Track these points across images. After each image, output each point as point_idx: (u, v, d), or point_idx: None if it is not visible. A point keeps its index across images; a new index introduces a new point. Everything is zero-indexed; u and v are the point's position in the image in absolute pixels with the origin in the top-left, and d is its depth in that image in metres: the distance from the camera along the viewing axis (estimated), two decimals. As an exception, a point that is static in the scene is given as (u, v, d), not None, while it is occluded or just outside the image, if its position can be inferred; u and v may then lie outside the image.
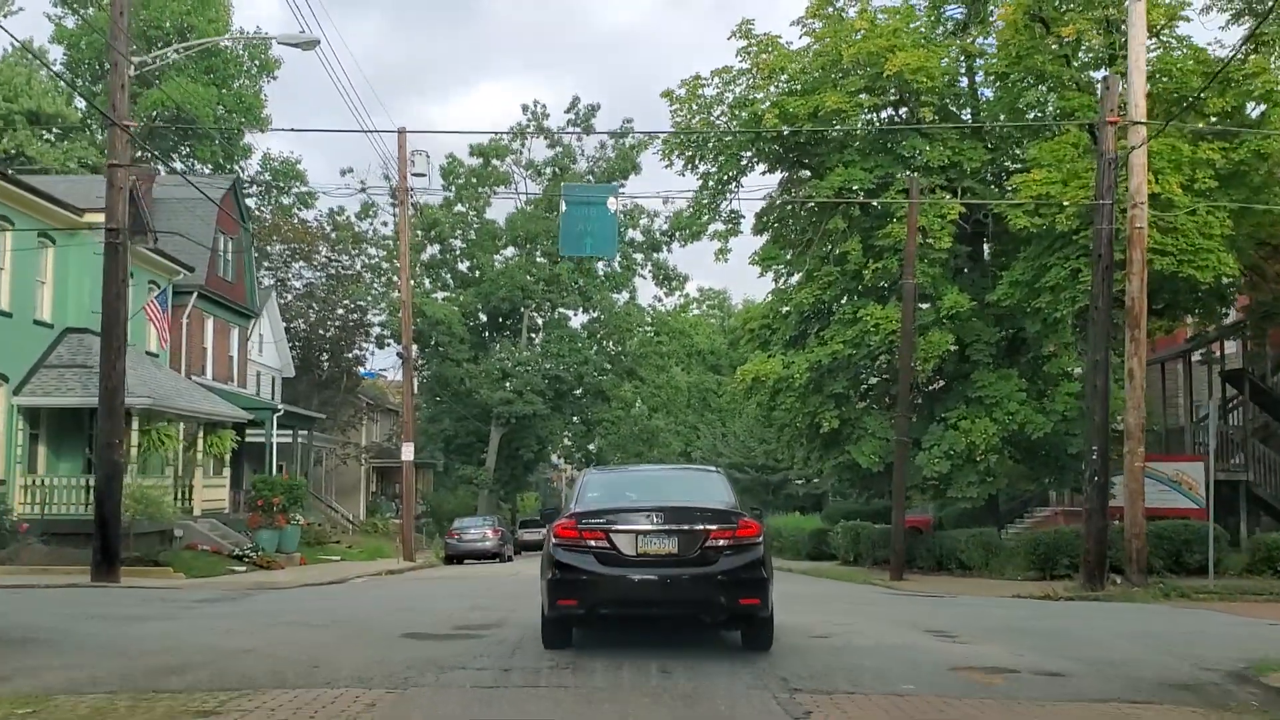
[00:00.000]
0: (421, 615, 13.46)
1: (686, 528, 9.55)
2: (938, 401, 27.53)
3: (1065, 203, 21.91)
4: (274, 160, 58.85)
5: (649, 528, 9.56)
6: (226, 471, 32.70)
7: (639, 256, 55.85)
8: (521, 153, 55.12)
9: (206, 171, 53.69)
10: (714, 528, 9.58)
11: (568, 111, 53.56)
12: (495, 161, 55.22)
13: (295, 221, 55.55)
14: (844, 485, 29.50)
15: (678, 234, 55.71)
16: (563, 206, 21.35)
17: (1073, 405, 25.31)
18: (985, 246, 29.61)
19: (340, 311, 55.48)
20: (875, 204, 25.69)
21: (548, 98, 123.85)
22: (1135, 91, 20.09)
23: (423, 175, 36.04)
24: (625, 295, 56.05)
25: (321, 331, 56.04)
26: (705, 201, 29.04)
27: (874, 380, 29.36)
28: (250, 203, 59.33)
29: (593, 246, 21.18)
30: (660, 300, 57.56)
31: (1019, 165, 26.74)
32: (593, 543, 9.56)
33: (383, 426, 61.69)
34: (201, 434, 30.54)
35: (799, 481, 60.34)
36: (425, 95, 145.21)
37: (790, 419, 28.40)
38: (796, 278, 30.29)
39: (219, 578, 23.46)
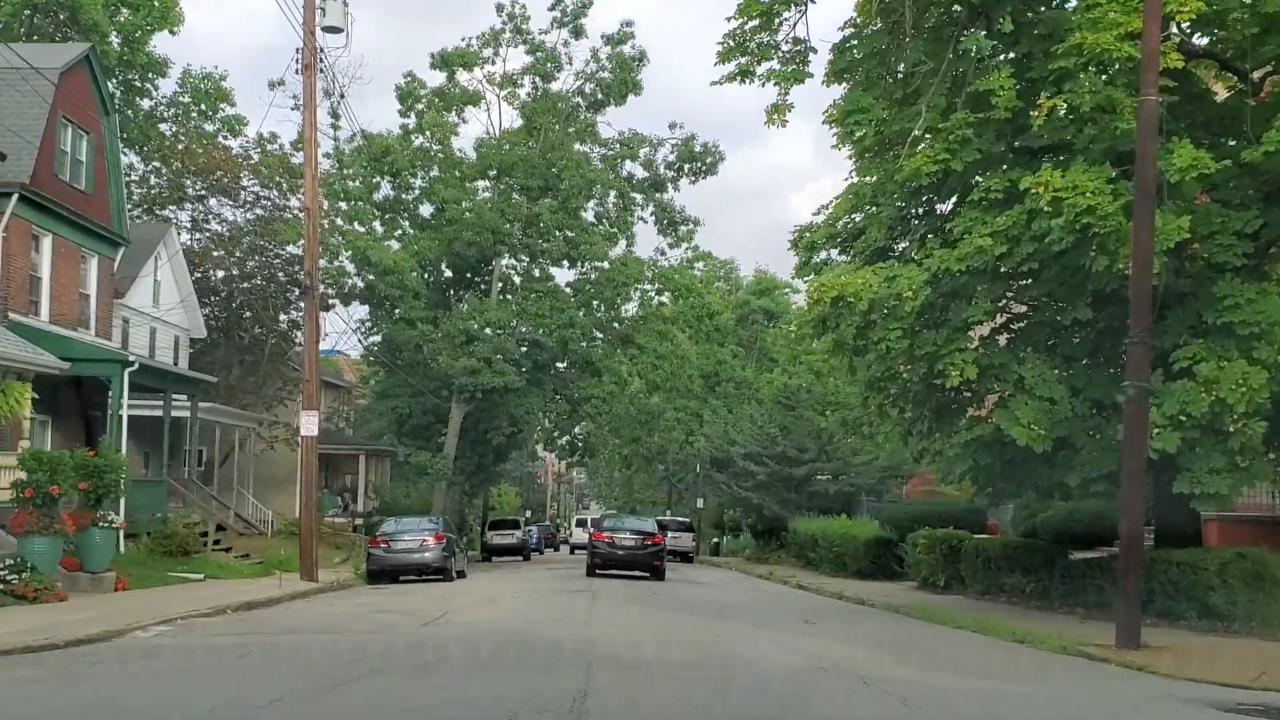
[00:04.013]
0: None
1: (639, 536, 30.75)
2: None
3: None
4: (194, 77, 47.92)
5: (626, 536, 30.76)
6: (25, 446, 21.93)
7: (639, 197, 45.01)
8: (495, 61, 44.27)
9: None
10: (649, 538, 30.77)
11: (552, 9, 42.64)
12: (463, 74, 44.37)
13: (212, 147, 44.79)
14: (973, 475, 18.35)
15: (687, 167, 45.10)
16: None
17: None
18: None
19: (276, 260, 44.84)
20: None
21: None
22: None
23: (339, 30, 25.31)
24: (622, 244, 45.19)
25: (244, 284, 45.33)
26: (753, 26, 18.31)
27: (1030, 301, 18.47)
28: (165, 128, 48.63)
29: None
30: (663, 254, 46.76)
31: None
32: (606, 540, 30.64)
33: (327, 404, 50.91)
34: (-27, 387, 19.82)
35: (823, 477, 50.38)
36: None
37: (888, 366, 17.71)
38: (870, 179, 19.80)
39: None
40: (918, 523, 30.91)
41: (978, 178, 16.93)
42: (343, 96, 35.50)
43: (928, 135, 17.35)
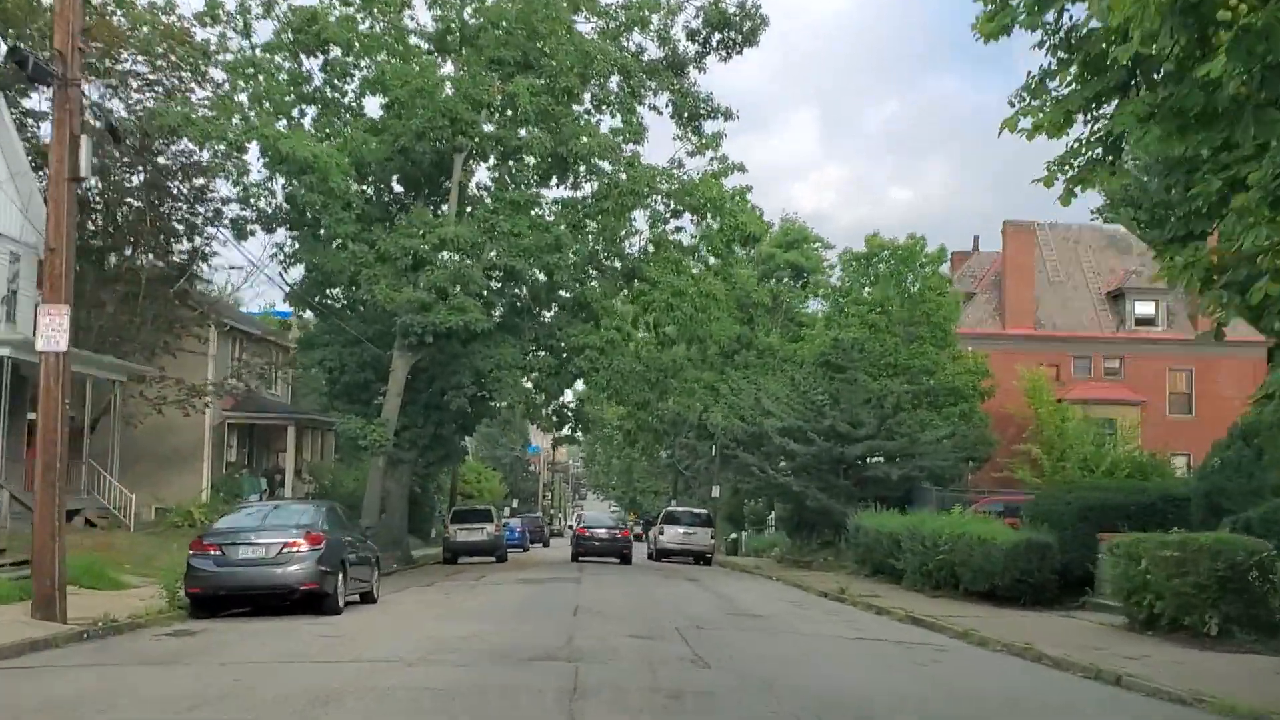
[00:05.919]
0: None
1: (610, 529, 41.76)
2: None
3: None
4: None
5: (600, 529, 41.81)
6: None
7: (652, 82, 33.71)
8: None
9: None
10: (619, 531, 41.60)
11: None
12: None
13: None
14: None
15: (716, 37, 33.66)
16: None
17: None
18: None
19: (163, 161, 33.77)
20: None
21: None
22: None
23: None
24: (629, 148, 33.78)
25: (128, 201, 34.22)
26: None
27: None
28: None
29: None
30: (681, 165, 35.21)
31: None
32: (586, 533, 41.44)
33: (243, 356, 39.56)
34: None
35: (876, 459, 39.56)
36: None
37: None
38: None
39: None
40: (1091, 519, 19.80)
41: None
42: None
43: None
